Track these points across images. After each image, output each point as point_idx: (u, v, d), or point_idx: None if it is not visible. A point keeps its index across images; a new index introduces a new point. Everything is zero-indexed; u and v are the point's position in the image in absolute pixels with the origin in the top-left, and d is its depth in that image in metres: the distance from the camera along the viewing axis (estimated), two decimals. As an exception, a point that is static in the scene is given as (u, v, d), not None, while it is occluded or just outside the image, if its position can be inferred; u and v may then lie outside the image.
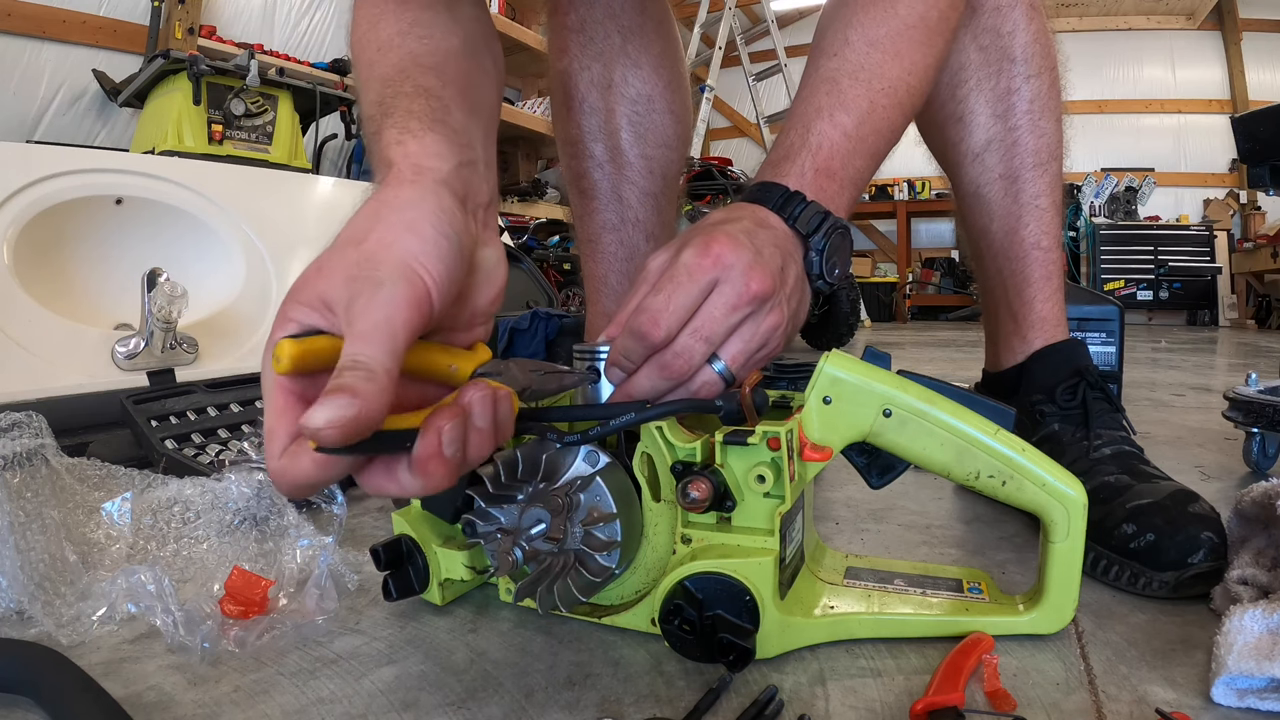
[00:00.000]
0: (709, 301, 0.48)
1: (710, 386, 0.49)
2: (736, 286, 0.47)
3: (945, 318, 6.17)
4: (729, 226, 0.50)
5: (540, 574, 0.48)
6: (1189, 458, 1.04)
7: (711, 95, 4.25)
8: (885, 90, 0.58)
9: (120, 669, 0.48)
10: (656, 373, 0.48)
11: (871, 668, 0.47)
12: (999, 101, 0.77)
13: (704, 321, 0.48)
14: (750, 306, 0.48)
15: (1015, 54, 0.76)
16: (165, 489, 0.71)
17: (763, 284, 0.48)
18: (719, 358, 0.49)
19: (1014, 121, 0.77)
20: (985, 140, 0.78)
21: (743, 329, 0.49)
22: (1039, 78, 0.77)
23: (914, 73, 0.60)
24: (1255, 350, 3.16)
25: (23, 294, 1.24)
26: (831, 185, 0.56)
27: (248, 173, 1.82)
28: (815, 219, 0.53)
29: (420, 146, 0.46)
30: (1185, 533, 0.56)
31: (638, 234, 0.84)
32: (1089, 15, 6.18)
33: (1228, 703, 0.42)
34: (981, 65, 0.77)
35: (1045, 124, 0.77)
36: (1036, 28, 0.76)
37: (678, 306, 0.47)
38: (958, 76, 0.78)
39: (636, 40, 0.81)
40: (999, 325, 0.82)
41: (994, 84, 0.77)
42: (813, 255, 0.54)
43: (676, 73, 0.86)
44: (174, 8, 3.05)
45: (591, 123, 0.82)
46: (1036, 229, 0.78)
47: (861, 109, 0.57)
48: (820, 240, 0.54)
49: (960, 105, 0.78)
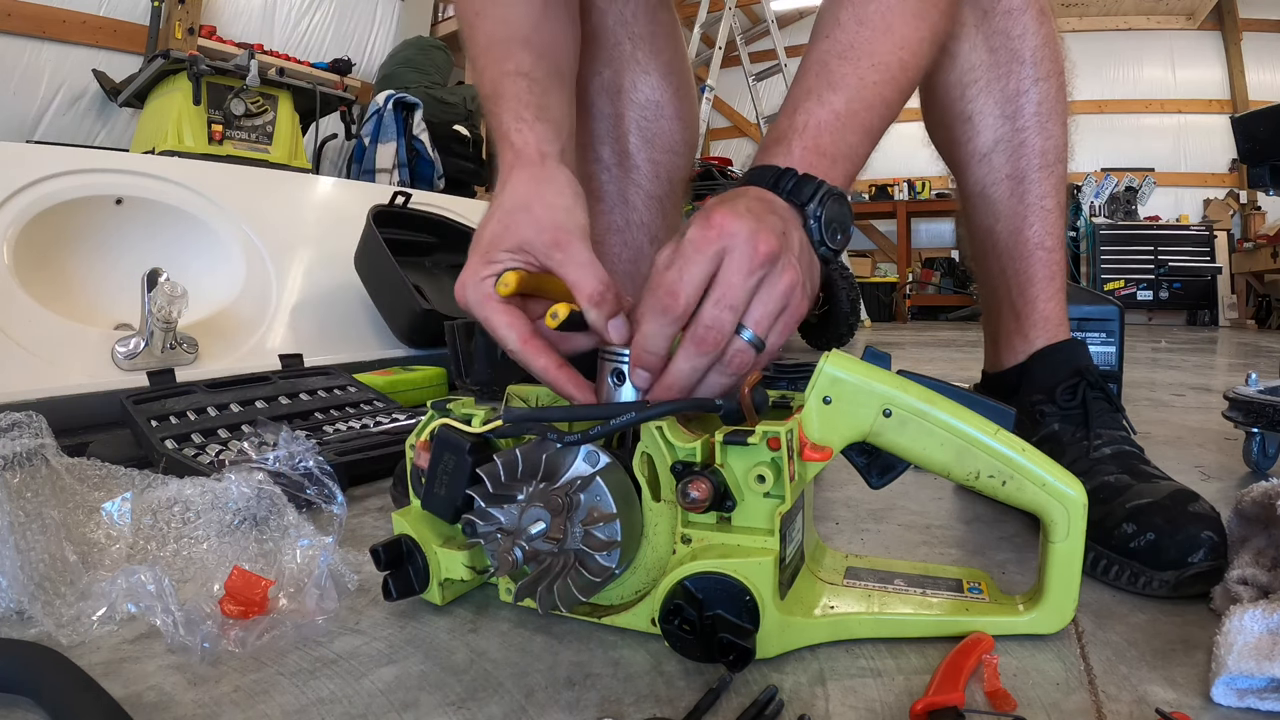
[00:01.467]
0: (722, 270, 0.49)
1: (743, 355, 0.50)
2: (745, 250, 0.49)
3: (945, 318, 6.17)
4: (725, 204, 0.51)
5: (540, 574, 0.48)
6: (1189, 458, 1.04)
7: (711, 95, 4.25)
8: (876, 66, 0.59)
9: (120, 669, 0.48)
10: (693, 350, 0.49)
11: (871, 668, 0.47)
12: (1008, 103, 0.77)
13: (724, 290, 0.49)
14: (763, 267, 0.49)
15: (1025, 57, 0.76)
16: (165, 489, 0.71)
17: (769, 244, 0.49)
18: (745, 325, 0.50)
19: (1022, 123, 0.77)
20: (993, 140, 0.79)
21: (761, 292, 0.50)
22: (1047, 81, 0.77)
23: (906, 47, 0.60)
24: (1255, 350, 3.17)
25: (23, 294, 1.24)
26: (823, 162, 0.56)
27: (248, 173, 1.82)
28: (808, 189, 0.54)
29: (536, 135, 0.59)
30: (1185, 532, 0.56)
31: (642, 236, 0.85)
32: (1089, 15, 6.18)
33: (1228, 703, 0.42)
34: (991, 67, 0.77)
35: (1052, 126, 0.78)
36: (1046, 32, 0.77)
37: (691, 278, 0.49)
38: (967, 77, 0.78)
39: (646, 48, 0.82)
40: (1000, 324, 0.83)
41: (1003, 85, 0.77)
42: (811, 223, 0.55)
43: (685, 81, 0.88)
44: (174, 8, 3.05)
45: (600, 127, 0.83)
46: (1041, 229, 0.78)
47: (850, 86, 0.58)
48: (816, 208, 0.54)
49: (969, 105, 0.79)
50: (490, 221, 0.56)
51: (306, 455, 0.72)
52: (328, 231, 1.78)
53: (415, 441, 0.57)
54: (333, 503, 0.69)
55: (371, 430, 1.05)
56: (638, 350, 0.51)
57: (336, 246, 1.72)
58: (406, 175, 3.23)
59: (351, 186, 2.11)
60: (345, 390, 1.21)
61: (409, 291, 1.59)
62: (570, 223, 0.55)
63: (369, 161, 3.21)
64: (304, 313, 1.62)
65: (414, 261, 1.80)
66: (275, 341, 1.52)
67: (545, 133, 0.59)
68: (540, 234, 0.54)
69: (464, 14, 0.67)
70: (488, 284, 0.54)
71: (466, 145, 3.56)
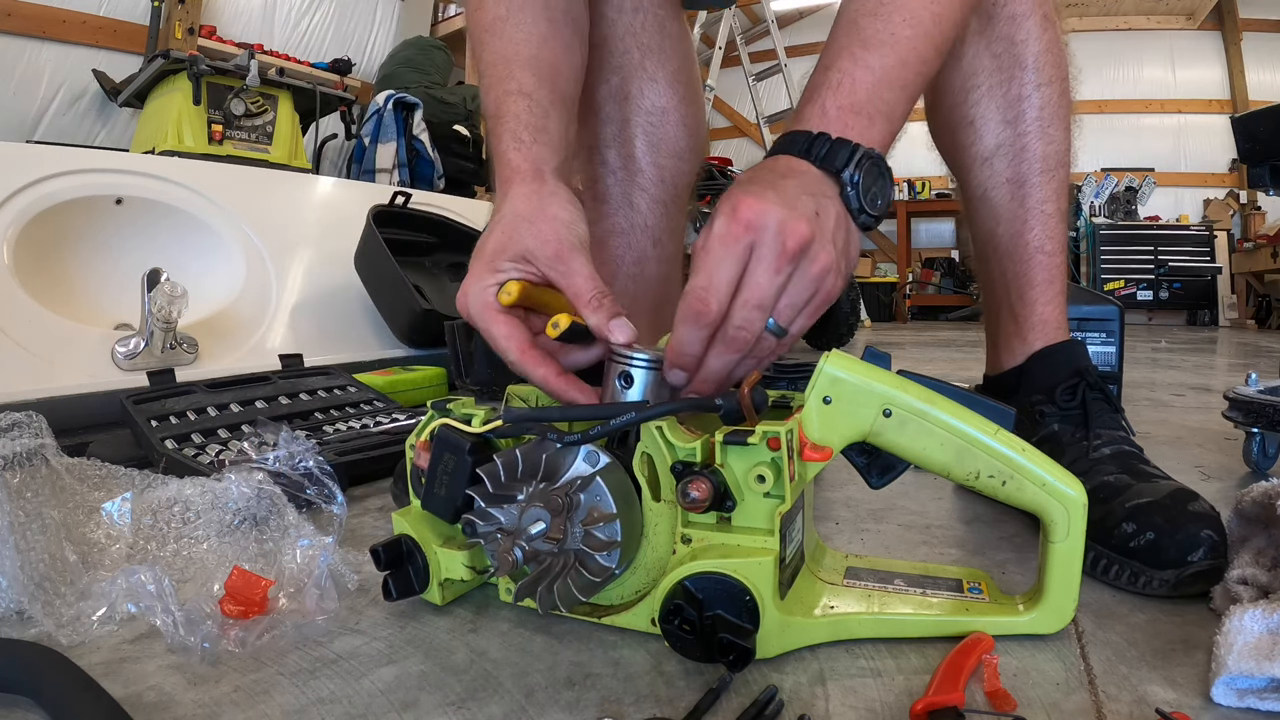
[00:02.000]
0: (750, 269, 0.49)
1: (769, 344, 0.52)
2: (774, 246, 0.49)
3: (945, 318, 6.17)
4: (754, 186, 0.51)
5: (540, 574, 0.48)
6: (1189, 458, 1.04)
7: (711, 95, 4.24)
8: (907, 21, 0.58)
9: (120, 669, 0.48)
10: (724, 351, 0.51)
11: (871, 668, 0.47)
12: (1010, 108, 0.78)
13: (752, 290, 0.49)
14: (792, 263, 0.49)
15: (1027, 62, 0.77)
16: (165, 489, 0.71)
17: (799, 236, 0.49)
18: (771, 318, 0.51)
19: (1024, 128, 0.78)
20: (995, 145, 0.79)
21: (791, 285, 0.50)
22: (1050, 86, 0.77)
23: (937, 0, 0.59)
24: (1255, 350, 3.17)
25: (23, 294, 1.24)
26: (859, 121, 0.55)
27: (248, 173, 1.82)
28: (843, 153, 0.53)
29: (534, 154, 0.60)
30: (1185, 531, 0.56)
31: (645, 239, 0.85)
32: (1089, 15, 6.18)
33: (1228, 703, 0.42)
34: (994, 72, 0.78)
35: (1054, 131, 0.78)
36: (1050, 38, 0.77)
37: (720, 281, 0.49)
38: (970, 81, 0.79)
39: (654, 57, 0.83)
40: (1000, 327, 0.83)
41: (1005, 90, 0.78)
42: (849, 191, 0.54)
43: (692, 88, 0.88)
44: (174, 8, 3.05)
45: (607, 131, 0.84)
46: (1041, 233, 0.79)
47: (883, 41, 0.57)
48: (853, 173, 0.53)
49: (972, 109, 0.79)
50: (494, 233, 0.57)
51: (306, 455, 0.72)
52: (328, 231, 1.78)
53: (415, 441, 0.57)
54: (333, 503, 0.69)
55: (371, 430, 1.05)
56: (673, 354, 0.52)
57: (336, 246, 1.72)
58: (406, 175, 3.23)
59: (351, 186, 2.11)
60: (345, 390, 1.21)
61: (409, 291, 1.59)
62: (571, 236, 0.55)
63: (369, 161, 3.21)
64: (304, 313, 1.62)
65: (414, 261, 1.80)
66: (275, 341, 1.52)
67: (542, 152, 0.61)
68: (543, 246, 0.55)
69: (475, 31, 0.68)
70: (490, 293, 0.55)
71: (466, 145, 3.56)
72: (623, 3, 0.81)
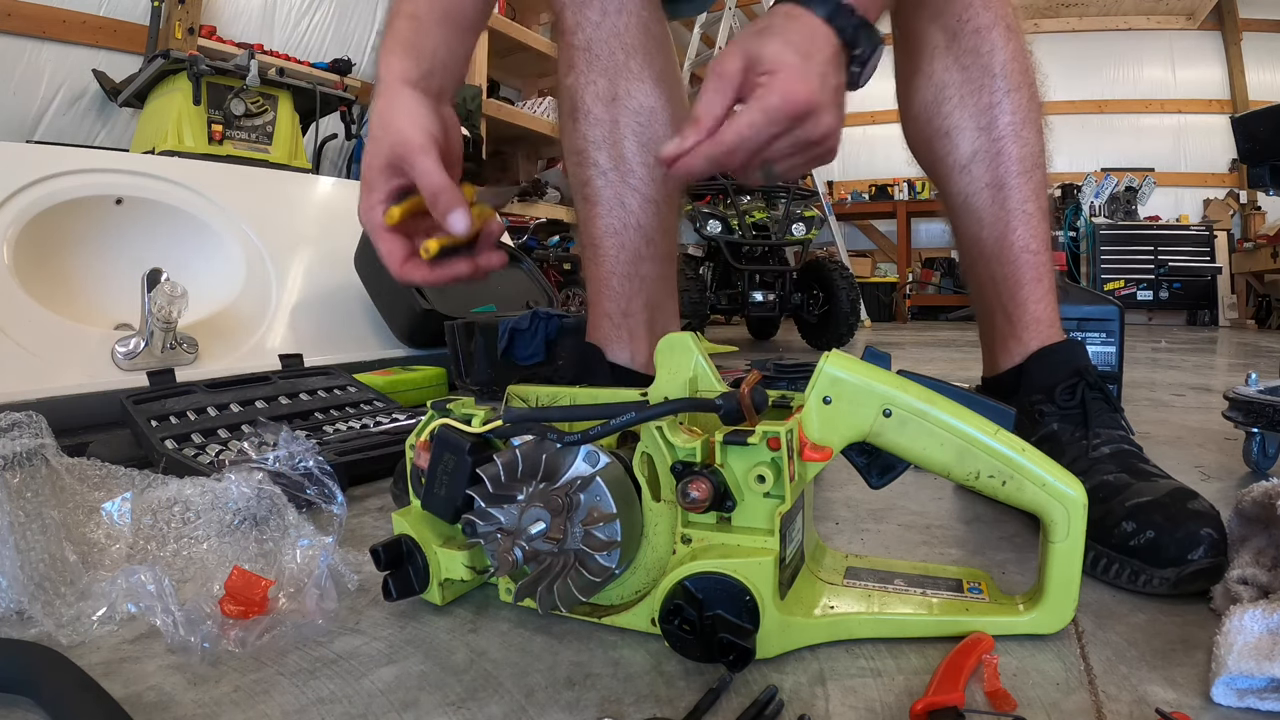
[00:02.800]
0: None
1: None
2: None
3: (945, 318, 6.17)
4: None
5: (540, 574, 0.48)
6: (1189, 458, 1.04)
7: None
8: None
9: (120, 669, 0.48)
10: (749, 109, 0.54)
11: (871, 668, 0.47)
12: (982, 115, 0.80)
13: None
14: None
15: (995, 70, 0.79)
16: (165, 489, 0.71)
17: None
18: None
19: (998, 133, 0.80)
20: (971, 152, 0.81)
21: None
22: (1019, 91, 0.80)
23: None
24: (1255, 350, 3.17)
25: (23, 294, 1.24)
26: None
27: (248, 173, 1.82)
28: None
29: (398, 68, 0.67)
30: (1185, 529, 0.56)
31: (638, 239, 0.85)
32: (1089, 15, 6.18)
33: (1228, 703, 0.42)
34: (964, 83, 0.80)
35: (1027, 134, 0.80)
36: (1015, 46, 0.80)
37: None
38: (942, 94, 0.81)
39: (640, 57, 0.84)
40: (994, 329, 0.84)
41: (977, 99, 0.80)
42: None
43: (676, 90, 0.90)
44: (174, 8, 3.05)
45: (596, 133, 0.84)
46: (1025, 233, 0.80)
47: None
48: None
49: (945, 120, 0.82)
50: (366, 148, 0.65)
51: (306, 455, 0.72)
52: (328, 231, 1.78)
53: (415, 441, 0.57)
54: (333, 503, 0.69)
55: (371, 430, 1.05)
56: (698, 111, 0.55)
57: (336, 246, 1.72)
58: (406, 175, 3.21)
59: (351, 186, 2.11)
60: (345, 390, 1.21)
61: (409, 291, 1.59)
62: (415, 135, 0.62)
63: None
64: (304, 313, 1.62)
65: (414, 261, 1.79)
66: (275, 341, 1.52)
67: (406, 65, 0.67)
68: (394, 149, 0.62)
69: None
70: (377, 213, 0.63)
71: (466, 145, 3.55)
72: (607, 5, 0.82)
